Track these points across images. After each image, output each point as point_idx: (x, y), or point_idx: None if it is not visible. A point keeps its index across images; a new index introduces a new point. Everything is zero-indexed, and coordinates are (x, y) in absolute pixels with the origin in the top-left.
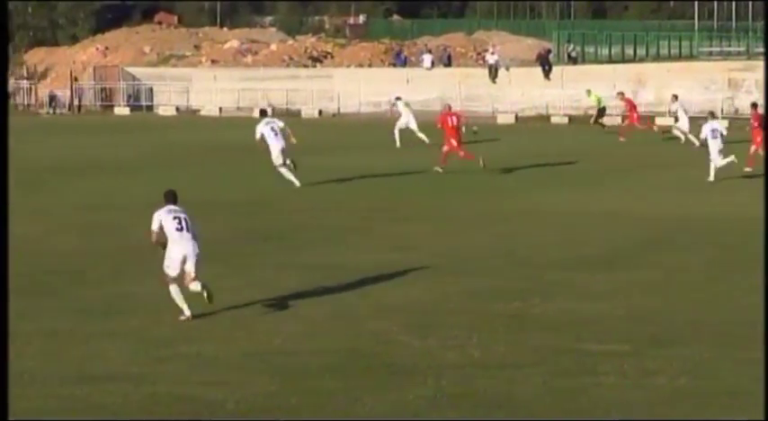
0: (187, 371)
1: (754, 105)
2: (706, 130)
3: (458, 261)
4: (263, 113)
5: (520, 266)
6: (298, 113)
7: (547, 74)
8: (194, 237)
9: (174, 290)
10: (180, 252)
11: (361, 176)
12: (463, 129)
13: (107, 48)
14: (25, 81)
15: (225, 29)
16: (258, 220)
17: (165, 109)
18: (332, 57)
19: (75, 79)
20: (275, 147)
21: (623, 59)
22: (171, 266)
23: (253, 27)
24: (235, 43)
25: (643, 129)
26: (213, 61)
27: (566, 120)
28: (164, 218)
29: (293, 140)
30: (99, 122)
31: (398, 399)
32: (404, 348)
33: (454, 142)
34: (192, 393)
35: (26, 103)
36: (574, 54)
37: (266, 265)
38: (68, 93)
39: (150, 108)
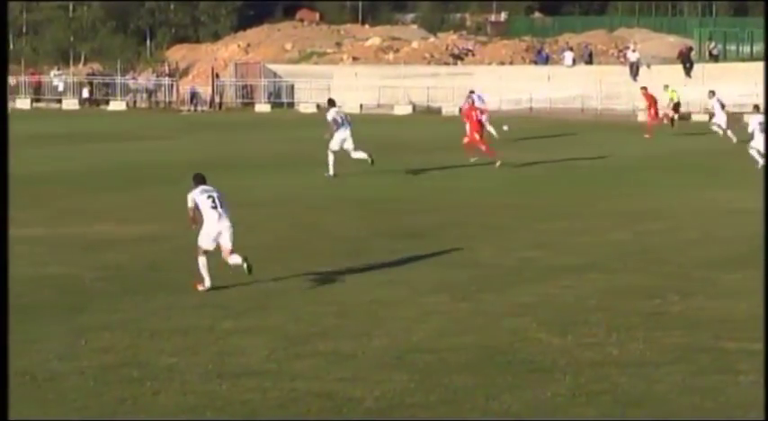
0: (325, 367)
1: None
2: (753, 123)
3: (596, 258)
4: (332, 103)
5: (658, 264)
6: (438, 111)
7: (688, 71)
8: (227, 214)
9: (201, 261)
10: (215, 228)
11: (500, 174)
12: (487, 125)
13: (249, 45)
14: (167, 78)
15: (366, 26)
16: (398, 218)
17: (305, 106)
18: (473, 54)
19: (217, 76)
20: (340, 135)
21: (766, 57)
22: (205, 241)
23: (394, 24)
24: (376, 41)
25: (659, 123)
26: (354, 58)
27: (706, 117)
28: (198, 197)
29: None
30: (240, 119)
31: (536, 397)
32: (542, 346)
33: (477, 136)
34: (331, 389)
35: (167, 100)
36: (715, 52)
37: (405, 263)
38: (210, 90)
39: (291, 105)
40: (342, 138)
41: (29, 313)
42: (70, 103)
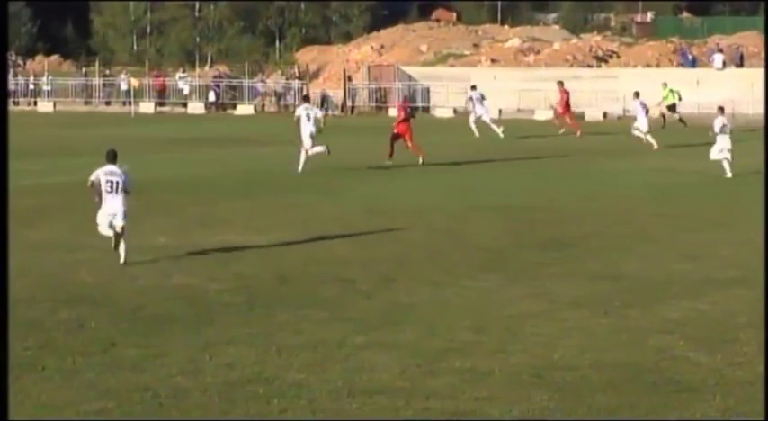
0: (460, 385)
1: None
2: (717, 125)
3: (747, 272)
4: (306, 99)
5: None
6: (581, 116)
7: None
8: (123, 198)
9: (104, 231)
10: (110, 210)
11: (646, 181)
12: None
13: (382, 46)
14: (296, 81)
15: (506, 26)
16: (539, 227)
17: (441, 110)
18: (618, 56)
19: (349, 79)
20: (305, 130)
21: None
22: (102, 219)
23: (535, 25)
24: (516, 42)
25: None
26: (493, 61)
27: None
28: (101, 177)
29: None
30: (372, 124)
31: (683, 418)
32: (690, 364)
33: (408, 136)
34: (466, 409)
35: (297, 103)
36: None
37: (548, 275)
38: (341, 93)
39: (426, 109)
40: (309, 133)
41: (151, 326)
42: (196, 107)
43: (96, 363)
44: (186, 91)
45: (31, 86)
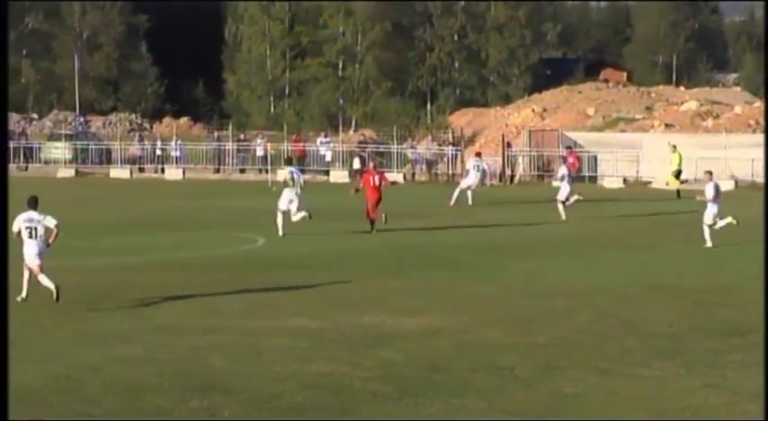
0: None
1: None
2: (710, 191)
3: None
4: (289, 162)
5: None
6: (762, 187)
7: None
8: (43, 242)
9: (26, 275)
10: (31, 252)
11: None
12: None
13: (544, 109)
14: (450, 147)
15: (681, 88)
16: (719, 311)
17: (610, 180)
18: None
19: (508, 145)
20: (288, 194)
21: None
22: (27, 261)
23: (714, 86)
24: (693, 105)
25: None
26: (667, 125)
27: None
28: (21, 225)
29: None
30: (535, 195)
31: None
32: None
33: (372, 201)
34: None
35: (450, 172)
36: None
37: (727, 363)
38: (500, 161)
39: (593, 179)
40: (289, 199)
41: (289, 416)
42: (339, 175)
43: None
44: (328, 157)
45: (159, 152)
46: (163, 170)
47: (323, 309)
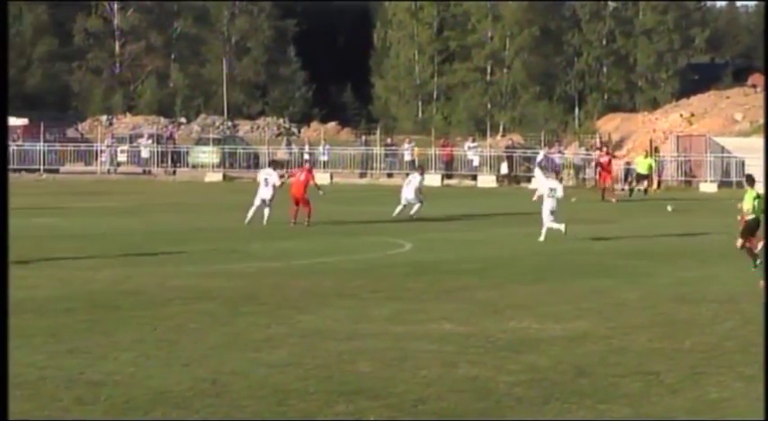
0: None
1: None
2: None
3: None
4: (270, 164)
5: None
6: None
7: None
8: (272, 189)
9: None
10: (265, 193)
11: None
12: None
13: (692, 114)
14: (597, 152)
15: None
16: None
17: (759, 185)
18: None
19: (656, 150)
20: (264, 193)
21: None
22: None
23: None
24: None
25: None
26: None
27: None
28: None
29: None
30: (681, 199)
31: None
32: None
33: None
34: None
35: (597, 177)
36: None
37: None
38: (648, 165)
39: (740, 184)
40: (262, 198)
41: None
42: (486, 180)
43: None
44: (476, 162)
45: (306, 156)
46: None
47: (469, 314)
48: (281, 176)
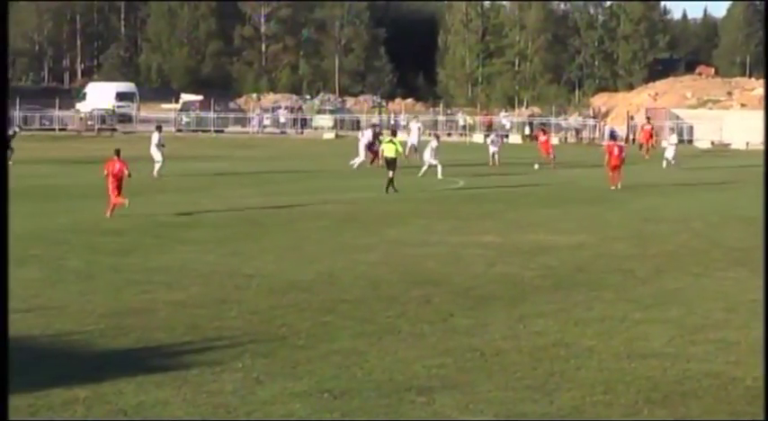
0: (714, 352)
1: None
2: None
3: None
4: (159, 129)
5: None
6: None
7: None
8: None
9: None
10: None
11: None
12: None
13: (656, 93)
14: (591, 119)
15: (752, 78)
16: None
17: (701, 142)
18: None
19: (631, 118)
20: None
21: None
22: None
23: None
24: (761, 90)
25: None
26: (742, 105)
27: None
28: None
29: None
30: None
31: None
32: None
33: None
34: (718, 371)
35: (591, 136)
36: None
37: None
38: (625, 129)
39: (690, 141)
40: (160, 160)
41: (480, 302)
42: (515, 138)
43: (438, 330)
44: (508, 126)
45: (392, 122)
46: (395, 133)
47: (503, 229)
48: (377, 135)
